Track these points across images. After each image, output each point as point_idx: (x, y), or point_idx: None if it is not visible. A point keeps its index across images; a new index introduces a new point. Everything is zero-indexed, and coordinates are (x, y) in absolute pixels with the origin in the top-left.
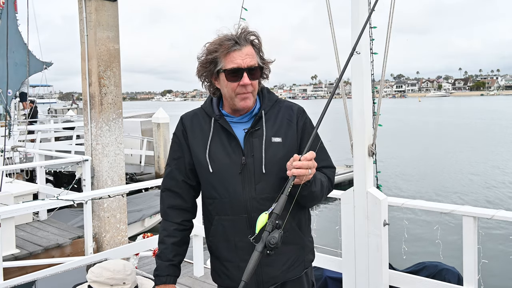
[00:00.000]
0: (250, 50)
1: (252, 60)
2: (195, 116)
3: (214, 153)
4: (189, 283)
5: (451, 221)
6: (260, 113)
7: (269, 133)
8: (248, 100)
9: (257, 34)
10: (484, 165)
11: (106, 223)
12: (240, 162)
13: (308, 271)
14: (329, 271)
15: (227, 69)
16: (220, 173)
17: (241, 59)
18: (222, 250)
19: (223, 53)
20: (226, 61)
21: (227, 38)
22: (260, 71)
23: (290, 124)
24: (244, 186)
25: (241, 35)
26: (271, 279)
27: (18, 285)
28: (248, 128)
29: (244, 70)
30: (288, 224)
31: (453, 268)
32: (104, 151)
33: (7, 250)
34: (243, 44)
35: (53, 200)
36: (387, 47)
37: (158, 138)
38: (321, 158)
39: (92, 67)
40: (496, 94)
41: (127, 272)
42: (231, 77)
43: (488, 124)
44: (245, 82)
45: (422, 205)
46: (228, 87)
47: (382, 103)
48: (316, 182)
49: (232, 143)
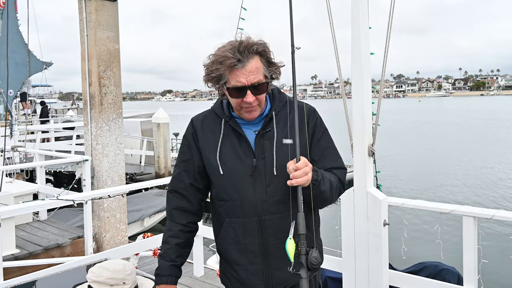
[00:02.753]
0: (254, 65)
1: (256, 76)
2: (205, 118)
3: (225, 156)
4: (189, 283)
5: (451, 221)
6: (271, 114)
7: (280, 134)
8: (254, 112)
9: (261, 41)
10: (484, 165)
11: (106, 223)
12: (251, 164)
13: (316, 274)
14: (329, 271)
15: (230, 87)
16: (231, 175)
17: (244, 78)
18: (231, 252)
19: (226, 70)
20: (230, 77)
21: (227, 56)
22: (266, 85)
23: (301, 124)
24: (255, 188)
25: (244, 49)
26: (282, 282)
27: (18, 285)
28: (258, 130)
29: (248, 88)
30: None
31: (453, 268)
32: (104, 151)
33: (7, 250)
34: (246, 60)
35: (53, 200)
36: (387, 47)
37: (158, 138)
38: (331, 159)
39: (92, 67)
40: (496, 94)
41: (127, 272)
42: (234, 93)
43: (488, 124)
44: (248, 100)
45: (422, 205)
46: (233, 101)
47: (382, 103)
48: (324, 181)
49: (243, 145)
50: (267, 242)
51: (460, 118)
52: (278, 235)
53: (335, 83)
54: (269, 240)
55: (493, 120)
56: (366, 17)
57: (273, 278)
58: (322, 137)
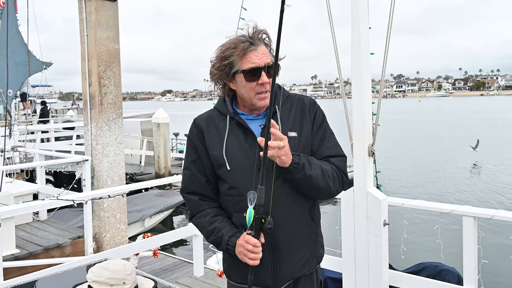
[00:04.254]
0: (265, 49)
1: (268, 58)
2: (209, 117)
3: (231, 151)
4: (189, 283)
5: (451, 221)
6: (274, 108)
7: (284, 128)
8: (267, 99)
9: (267, 32)
10: (484, 165)
11: (106, 223)
12: (258, 158)
13: (318, 268)
14: (329, 271)
15: (245, 70)
16: (238, 170)
17: (258, 59)
18: None
19: (239, 56)
20: (243, 62)
21: (241, 40)
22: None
23: (304, 117)
24: (262, 182)
25: (254, 35)
26: (289, 274)
27: (18, 285)
28: (264, 124)
29: (262, 69)
30: (303, 219)
31: (453, 268)
32: (104, 151)
33: (7, 250)
34: (258, 44)
35: (53, 200)
36: (387, 47)
37: (158, 138)
38: (328, 147)
39: (92, 67)
40: (496, 94)
41: (127, 272)
42: (249, 77)
43: (488, 124)
44: (264, 80)
45: (422, 205)
46: (246, 87)
47: (382, 103)
48: (311, 166)
49: (249, 140)
50: (276, 235)
51: (460, 118)
52: (286, 228)
53: (335, 83)
54: (278, 233)
55: (493, 120)
56: (366, 17)
57: (280, 270)
58: (321, 127)
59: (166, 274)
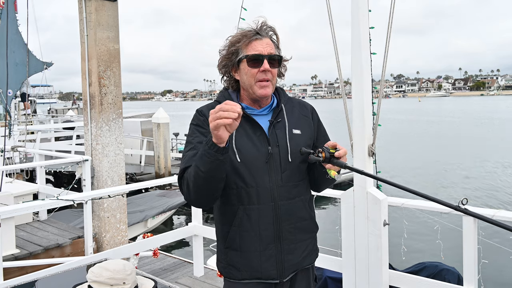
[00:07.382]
0: (270, 41)
1: (272, 49)
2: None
3: (240, 143)
4: (189, 283)
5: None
6: (280, 106)
7: (290, 125)
8: (268, 88)
9: (276, 31)
10: (484, 165)
11: (106, 223)
12: (267, 152)
13: (313, 264)
14: (329, 271)
15: (249, 55)
16: (247, 162)
17: (262, 47)
18: (245, 239)
19: (245, 43)
20: (248, 49)
21: (248, 30)
22: (279, 62)
23: (307, 119)
24: (270, 175)
25: (262, 27)
26: (293, 266)
27: (18, 285)
28: (271, 119)
29: (265, 57)
30: (306, 212)
31: (453, 268)
32: (104, 151)
33: (7, 250)
34: (264, 35)
35: (53, 200)
36: (387, 47)
37: (158, 138)
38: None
39: (92, 67)
40: (496, 94)
41: (127, 272)
42: (252, 63)
43: (488, 124)
44: (265, 68)
45: (422, 205)
46: (248, 73)
47: (382, 103)
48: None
49: (257, 133)
50: (281, 227)
51: (460, 118)
52: (292, 220)
53: (335, 83)
54: (283, 225)
55: (493, 120)
56: (366, 17)
57: (285, 262)
58: (323, 130)
59: (166, 274)
